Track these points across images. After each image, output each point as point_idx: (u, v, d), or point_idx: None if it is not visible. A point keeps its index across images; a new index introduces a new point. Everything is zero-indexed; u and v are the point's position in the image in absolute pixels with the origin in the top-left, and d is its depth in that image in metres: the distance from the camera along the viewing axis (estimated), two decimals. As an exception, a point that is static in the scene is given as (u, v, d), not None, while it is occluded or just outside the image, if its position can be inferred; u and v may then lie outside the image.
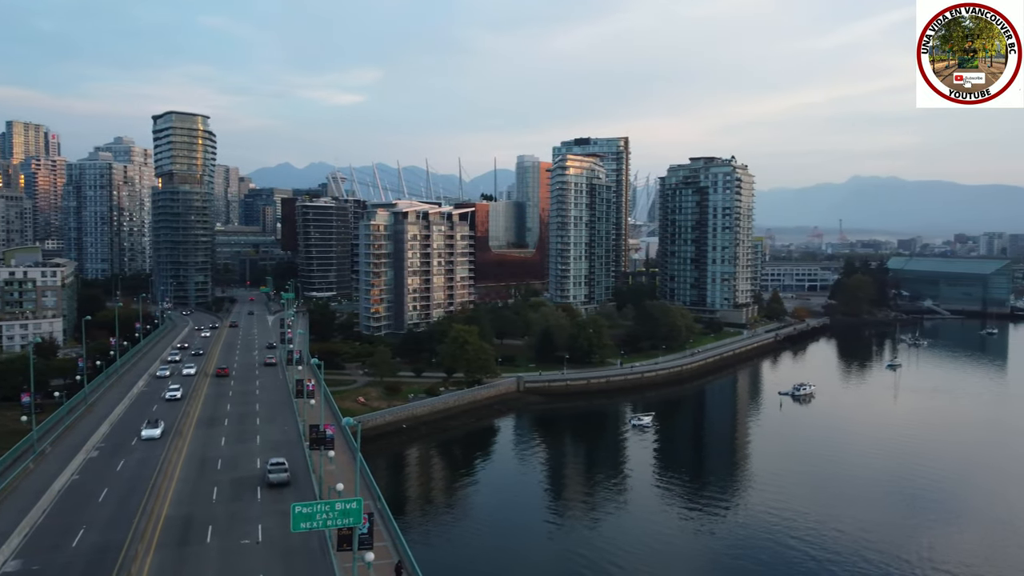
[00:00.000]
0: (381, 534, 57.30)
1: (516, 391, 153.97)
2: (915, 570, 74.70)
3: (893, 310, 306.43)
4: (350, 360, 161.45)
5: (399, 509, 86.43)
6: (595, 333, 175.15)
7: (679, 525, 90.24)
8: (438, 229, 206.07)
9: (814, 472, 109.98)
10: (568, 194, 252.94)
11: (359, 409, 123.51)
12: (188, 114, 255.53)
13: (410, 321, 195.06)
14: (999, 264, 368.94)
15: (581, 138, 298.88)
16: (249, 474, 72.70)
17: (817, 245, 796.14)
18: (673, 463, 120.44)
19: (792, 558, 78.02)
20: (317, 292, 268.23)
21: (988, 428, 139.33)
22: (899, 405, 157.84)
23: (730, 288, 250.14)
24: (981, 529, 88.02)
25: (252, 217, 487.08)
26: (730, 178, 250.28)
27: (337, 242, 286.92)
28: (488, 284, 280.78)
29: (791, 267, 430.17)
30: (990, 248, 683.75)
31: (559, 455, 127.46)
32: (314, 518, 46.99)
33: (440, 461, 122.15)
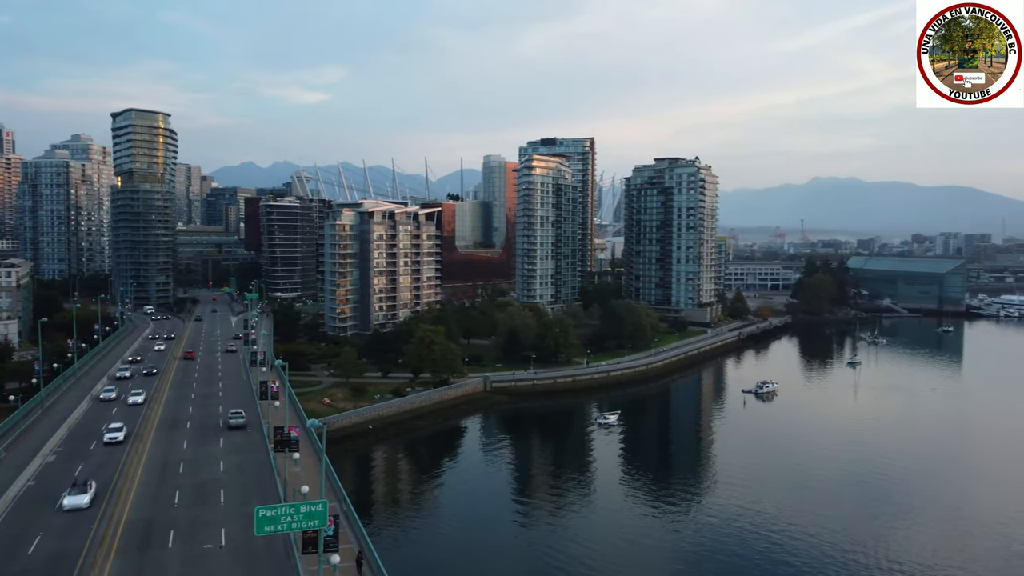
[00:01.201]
0: (347, 536, 57.02)
1: (483, 391, 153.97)
2: (874, 561, 76.33)
3: (853, 309, 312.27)
4: (315, 361, 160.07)
5: (366, 511, 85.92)
6: (561, 333, 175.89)
7: (645, 522, 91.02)
8: (404, 229, 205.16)
9: (777, 468, 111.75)
10: (534, 194, 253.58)
11: (325, 410, 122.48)
12: (148, 111, 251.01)
13: (376, 321, 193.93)
14: (954, 264, 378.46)
15: (547, 138, 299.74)
16: (212, 478, 71.73)
17: (779, 245, 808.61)
18: (639, 461, 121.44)
19: (756, 552, 79.24)
20: (282, 293, 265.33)
21: (944, 423, 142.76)
22: (859, 402, 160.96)
23: (694, 287, 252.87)
24: (937, 520, 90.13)
25: (215, 217, 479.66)
26: (694, 179, 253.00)
27: (302, 242, 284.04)
28: (455, 284, 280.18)
29: (754, 267, 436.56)
30: (946, 248, 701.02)
31: (526, 454, 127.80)
32: (278, 521, 46.54)
33: (407, 462, 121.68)
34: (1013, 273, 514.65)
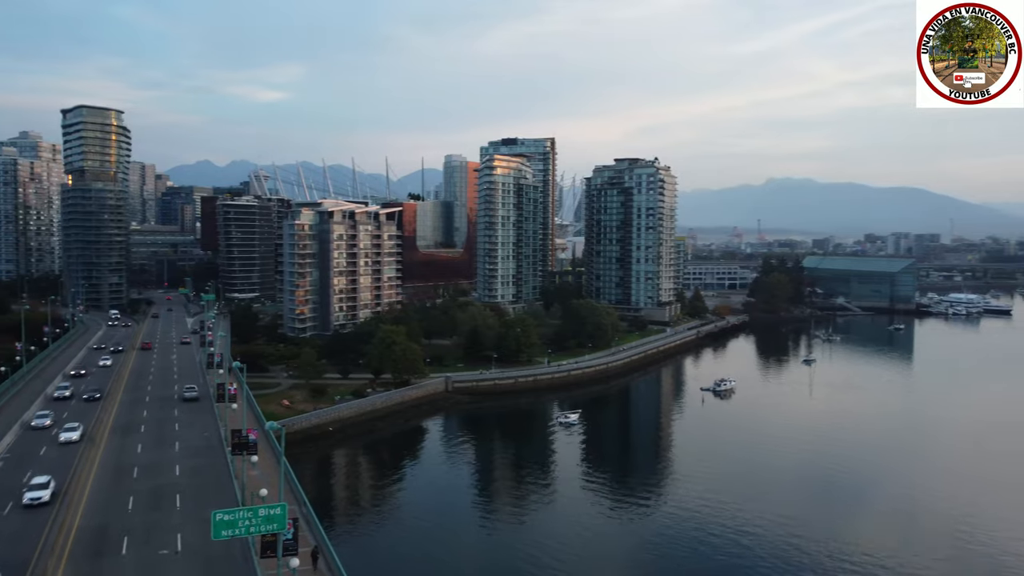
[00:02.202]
0: (307, 539, 56.54)
1: (444, 391, 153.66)
2: (828, 550, 78.03)
3: (808, 307, 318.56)
4: (274, 362, 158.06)
5: (326, 514, 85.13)
6: (523, 332, 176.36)
7: (607, 517, 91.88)
8: (365, 229, 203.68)
9: (735, 464, 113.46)
10: (496, 194, 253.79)
11: (284, 412, 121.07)
12: (100, 108, 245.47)
13: (336, 322, 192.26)
14: (905, 263, 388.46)
15: (508, 138, 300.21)
16: (168, 482, 70.50)
17: (737, 245, 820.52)
18: (599, 459, 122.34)
19: (716, 544, 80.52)
20: (239, 293, 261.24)
21: (896, 418, 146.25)
22: (815, 399, 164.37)
23: (654, 287, 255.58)
24: (889, 514, 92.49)
25: (170, 216, 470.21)
26: (654, 179, 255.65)
27: (260, 242, 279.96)
28: (416, 284, 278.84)
29: (712, 266, 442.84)
30: (897, 247, 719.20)
31: (487, 454, 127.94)
32: (236, 525, 46.02)
33: (368, 463, 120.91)
34: (961, 272, 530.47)
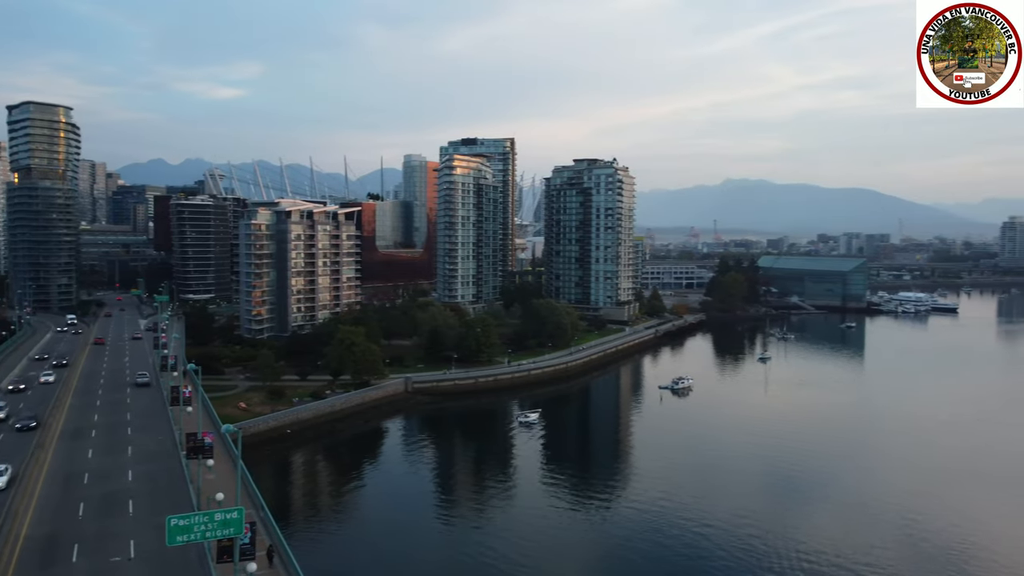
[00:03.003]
0: (265, 543, 55.85)
1: (404, 392, 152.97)
2: (784, 544, 79.64)
3: (764, 306, 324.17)
4: (231, 364, 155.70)
5: (284, 517, 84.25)
6: (483, 332, 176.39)
7: (568, 515, 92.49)
8: (323, 229, 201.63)
9: (693, 461, 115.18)
10: (455, 194, 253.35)
11: (241, 415, 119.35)
12: (48, 104, 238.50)
13: (294, 323, 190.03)
14: (857, 262, 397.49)
15: (468, 138, 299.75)
16: (121, 487, 69.01)
17: (694, 244, 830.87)
18: (560, 458, 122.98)
19: (674, 539, 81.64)
20: (194, 294, 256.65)
21: (847, 415, 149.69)
22: (770, 396, 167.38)
23: (613, 286, 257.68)
24: (842, 509, 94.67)
25: (122, 216, 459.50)
26: (612, 179, 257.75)
27: (216, 242, 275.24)
28: (375, 284, 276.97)
29: (670, 266, 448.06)
30: (849, 247, 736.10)
31: (448, 454, 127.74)
32: (192, 530, 45.36)
33: (327, 465, 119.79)
34: (910, 271, 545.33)
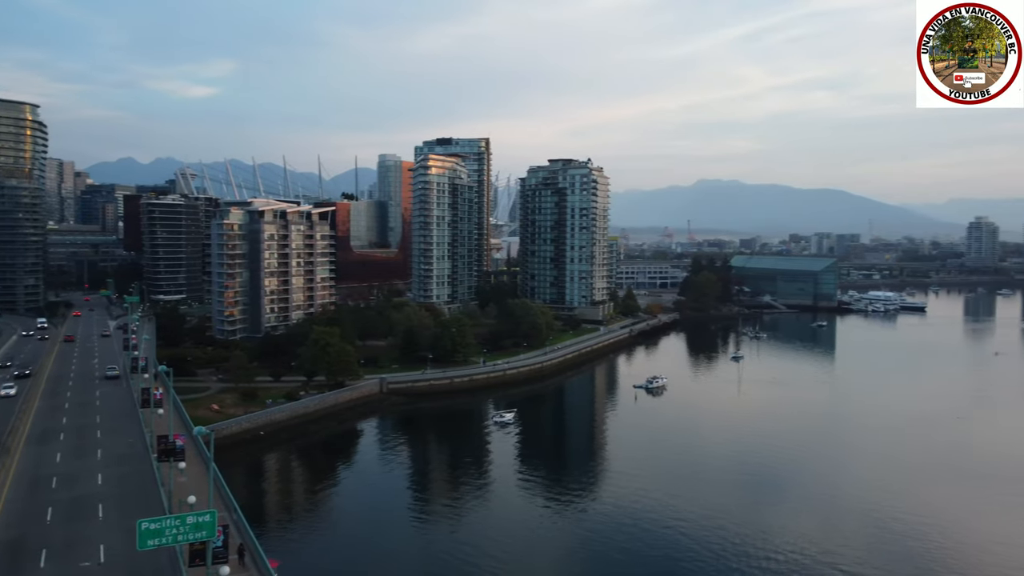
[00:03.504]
0: (248, 565, 55.29)
1: (379, 392, 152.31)
2: (755, 540, 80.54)
3: (736, 305, 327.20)
4: (203, 366, 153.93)
5: (258, 520, 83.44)
6: (458, 332, 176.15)
7: (544, 514, 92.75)
8: (297, 229, 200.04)
9: (668, 459, 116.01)
10: (430, 194, 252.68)
11: (213, 417, 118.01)
12: (14, 102, 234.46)
13: (268, 324, 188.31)
14: (828, 262, 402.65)
15: (443, 138, 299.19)
16: (90, 491, 67.96)
17: (668, 244, 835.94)
18: (535, 457, 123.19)
19: (649, 537, 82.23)
20: (165, 295, 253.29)
21: (818, 413, 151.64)
22: (743, 395, 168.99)
23: (587, 286, 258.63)
24: (814, 505, 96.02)
25: (91, 215, 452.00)
26: (587, 180, 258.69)
27: (187, 242, 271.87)
28: (350, 285, 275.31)
29: (644, 265, 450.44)
30: (820, 247, 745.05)
31: (423, 455, 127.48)
32: (163, 534, 44.86)
33: (302, 467, 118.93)
34: (879, 271, 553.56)
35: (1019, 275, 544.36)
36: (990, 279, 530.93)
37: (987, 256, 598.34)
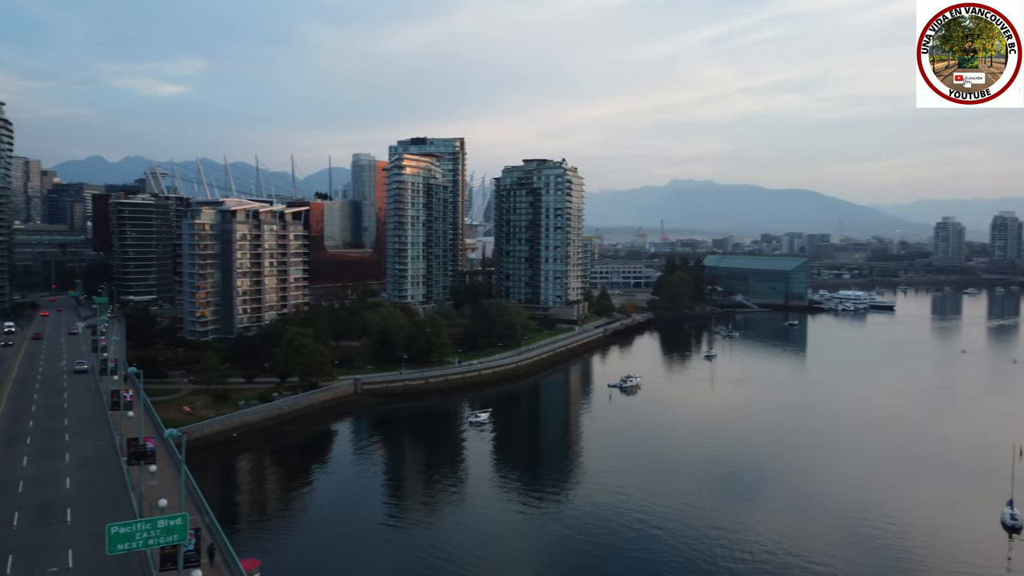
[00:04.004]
0: (219, 565, 54.78)
1: (354, 393, 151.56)
2: (730, 536, 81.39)
3: (709, 304, 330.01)
4: (174, 367, 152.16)
5: (231, 522, 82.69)
6: (433, 332, 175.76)
7: (519, 513, 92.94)
8: (270, 228, 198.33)
9: (642, 457, 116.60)
10: (405, 194, 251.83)
11: (184, 419, 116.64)
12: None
13: (240, 325, 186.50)
14: (799, 262, 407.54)
15: (417, 138, 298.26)
16: (58, 495, 66.89)
17: (642, 244, 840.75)
18: (511, 457, 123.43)
19: (625, 536, 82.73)
20: (135, 296, 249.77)
21: (790, 410, 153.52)
22: (716, 393, 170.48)
23: (562, 286, 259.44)
24: (787, 501, 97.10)
25: (58, 215, 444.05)
26: (561, 180, 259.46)
27: (158, 242, 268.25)
28: (324, 285, 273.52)
29: (618, 265, 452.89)
30: (791, 247, 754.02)
31: (398, 456, 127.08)
32: (133, 538, 44.27)
33: (275, 469, 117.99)
34: (849, 270, 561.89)
35: (985, 274, 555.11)
36: (957, 278, 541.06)
37: (954, 256, 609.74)
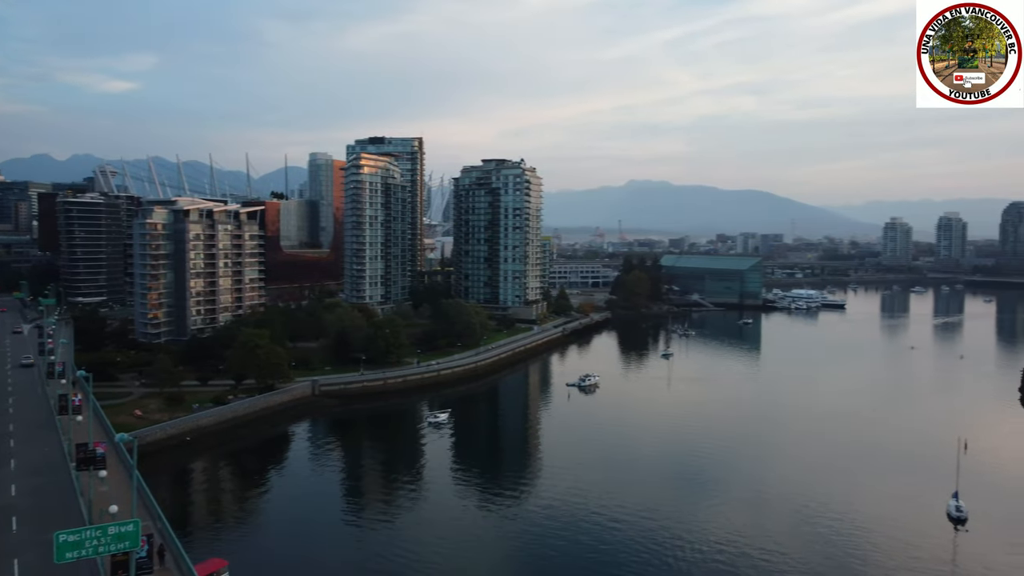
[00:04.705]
0: (169, 564, 53.80)
1: (311, 395, 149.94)
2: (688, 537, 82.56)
3: (666, 304, 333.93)
4: (125, 370, 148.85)
5: (185, 528, 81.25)
6: (392, 333, 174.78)
7: (479, 514, 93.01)
8: (224, 228, 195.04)
9: (600, 455, 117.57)
10: (363, 193, 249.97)
11: (136, 423, 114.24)
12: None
13: (194, 326, 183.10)
14: (753, 261, 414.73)
15: (376, 137, 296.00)
16: (3, 503, 64.93)
17: (599, 244, 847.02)
18: (470, 457, 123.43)
19: (585, 536, 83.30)
20: (84, 297, 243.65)
21: (744, 408, 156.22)
22: (673, 391, 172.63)
23: (521, 286, 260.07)
24: (742, 496, 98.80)
25: (2, 214, 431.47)
26: (520, 180, 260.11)
27: (107, 242, 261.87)
28: (280, 285, 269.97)
29: (577, 265, 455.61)
30: (746, 247, 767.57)
31: (357, 457, 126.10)
32: (83, 546, 43.23)
33: (231, 473, 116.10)
34: (801, 269, 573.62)
35: (931, 273, 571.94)
36: (905, 277, 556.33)
37: (902, 255, 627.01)
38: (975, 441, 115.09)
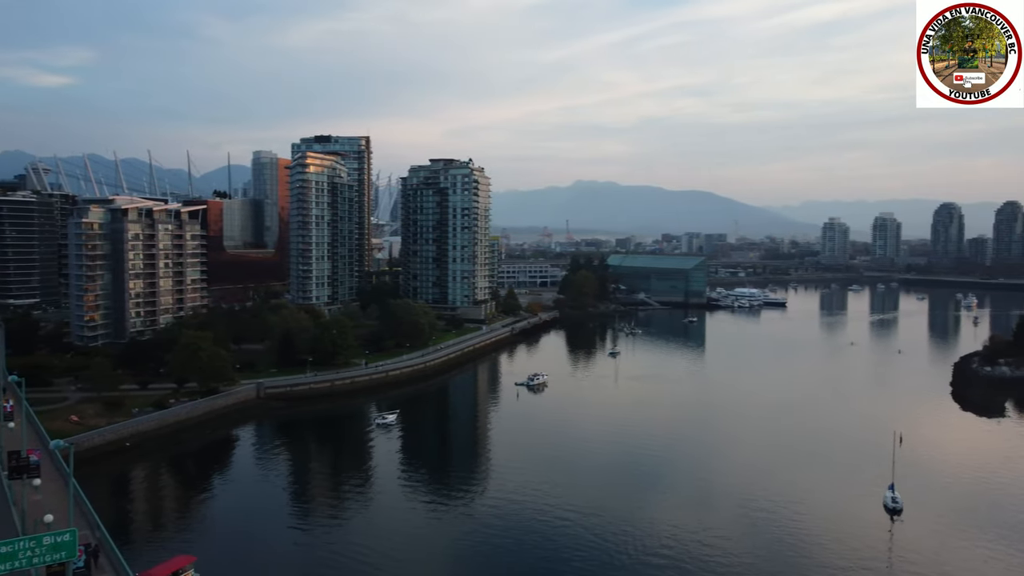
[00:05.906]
0: (104, 566, 52.38)
1: (256, 398, 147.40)
2: (636, 534, 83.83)
3: (613, 303, 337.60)
4: (60, 375, 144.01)
5: (125, 536, 79.15)
6: (339, 334, 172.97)
7: (429, 515, 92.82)
8: (164, 228, 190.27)
9: (550, 455, 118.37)
10: (309, 192, 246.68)
11: (72, 429, 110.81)
12: None
13: (133, 329, 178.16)
14: (697, 261, 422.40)
15: (322, 135, 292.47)
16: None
17: (547, 244, 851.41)
18: (419, 457, 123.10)
19: (534, 535, 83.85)
20: (15, 299, 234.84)
21: (689, 404, 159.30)
22: (620, 389, 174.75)
23: (470, 286, 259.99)
24: (687, 491, 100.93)
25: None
26: (468, 180, 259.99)
27: (40, 242, 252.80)
28: (224, 287, 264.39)
29: (525, 265, 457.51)
30: (690, 246, 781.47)
31: (303, 460, 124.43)
32: (16, 557, 41.89)
33: (173, 479, 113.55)
34: (744, 268, 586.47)
35: (867, 272, 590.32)
36: (842, 276, 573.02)
37: (839, 255, 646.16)
38: (910, 434, 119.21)
